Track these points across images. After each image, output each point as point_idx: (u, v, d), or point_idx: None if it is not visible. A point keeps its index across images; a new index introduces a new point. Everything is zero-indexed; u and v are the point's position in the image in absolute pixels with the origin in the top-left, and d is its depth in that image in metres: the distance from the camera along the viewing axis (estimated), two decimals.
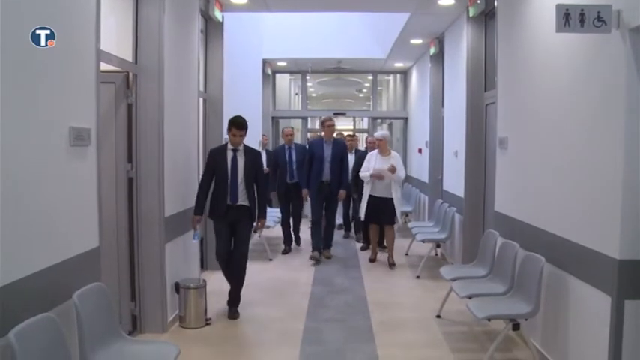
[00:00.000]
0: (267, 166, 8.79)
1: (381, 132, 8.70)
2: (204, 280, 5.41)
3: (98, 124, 3.62)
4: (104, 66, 4.02)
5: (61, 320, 2.89)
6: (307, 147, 8.90)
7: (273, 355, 4.64)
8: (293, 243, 9.13)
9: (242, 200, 5.49)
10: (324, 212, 8.38)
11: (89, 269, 3.46)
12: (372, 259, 8.13)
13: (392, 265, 7.79)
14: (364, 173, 7.88)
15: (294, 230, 9.11)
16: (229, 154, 5.49)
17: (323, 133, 8.49)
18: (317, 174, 8.17)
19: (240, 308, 5.62)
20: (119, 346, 3.29)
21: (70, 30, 3.26)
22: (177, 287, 5.17)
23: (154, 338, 4.66)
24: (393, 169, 7.62)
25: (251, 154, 5.61)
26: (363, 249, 9.01)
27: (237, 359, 4.57)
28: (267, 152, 9.77)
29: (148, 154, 4.82)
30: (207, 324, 5.22)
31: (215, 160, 5.51)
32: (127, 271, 4.76)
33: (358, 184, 8.37)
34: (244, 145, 5.61)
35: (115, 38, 4.68)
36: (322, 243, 8.31)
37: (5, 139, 2.59)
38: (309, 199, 8.37)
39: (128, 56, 4.70)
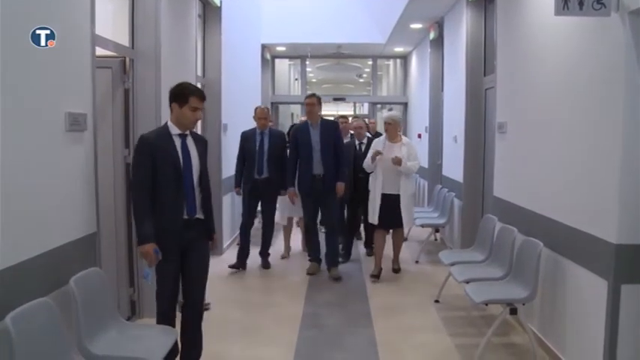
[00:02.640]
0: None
1: (390, 112, 6.95)
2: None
3: (95, 110, 3.61)
4: (100, 51, 3.99)
5: (59, 305, 2.90)
6: (289, 134, 7.18)
7: (273, 339, 4.65)
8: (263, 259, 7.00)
9: (199, 212, 3.70)
10: (319, 217, 6.88)
11: (87, 254, 3.47)
12: (376, 276, 6.39)
13: (396, 270, 6.66)
14: (367, 163, 6.39)
15: (263, 243, 7.00)
16: (176, 141, 3.60)
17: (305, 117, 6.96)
18: (305, 166, 6.42)
19: None
20: (117, 330, 3.29)
21: (65, 15, 3.23)
22: None
23: (153, 325, 4.66)
24: (398, 161, 6.11)
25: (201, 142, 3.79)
26: (369, 254, 7.45)
27: (237, 345, 4.59)
28: None
29: None
30: (205, 309, 5.22)
31: (158, 149, 3.56)
32: (126, 257, 4.76)
33: (357, 182, 6.99)
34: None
35: (112, 23, 4.65)
36: (328, 256, 6.61)
37: (1, 125, 2.58)
38: (298, 199, 6.69)
39: (125, 41, 4.67)
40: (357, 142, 7.36)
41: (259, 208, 6.95)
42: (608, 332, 3.32)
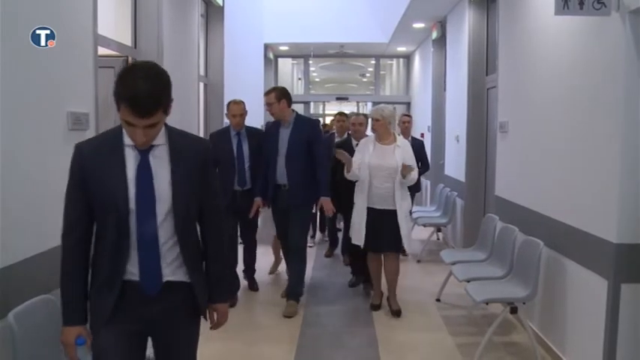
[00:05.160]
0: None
1: (378, 106, 5.35)
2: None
3: (97, 109, 3.63)
4: (103, 50, 4.02)
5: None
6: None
7: (275, 338, 4.66)
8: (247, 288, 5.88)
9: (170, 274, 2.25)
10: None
11: None
12: (376, 306, 5.32)
13: (396, 312, 5.15)
14: (353, 172, 5.04)
15: (245, 267, 5.86)
16: (129, 157, 2.18)
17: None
18: (270, 174, 5.21)
19: None
20: None
21: (67, 14, 3.25)
22: None
23: None
24: (407, 170, 4.88)
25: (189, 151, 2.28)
26: (352, 285, 6.01)
27: (239, 343, 4.60)
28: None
29: None
30: None
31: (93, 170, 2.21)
32: None
33: (340, 191, 5.59)
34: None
35: (114, 22, 4.66)
36: (291, 292, 5.33)
37: (3, 124, 2.60)
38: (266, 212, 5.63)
39: (127, 40, 4.69)
40: (354, 143, 5.79)
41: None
42: (608, 331, 3.33)
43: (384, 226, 5.01)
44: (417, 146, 6.62)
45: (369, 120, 5.67)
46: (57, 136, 3.15)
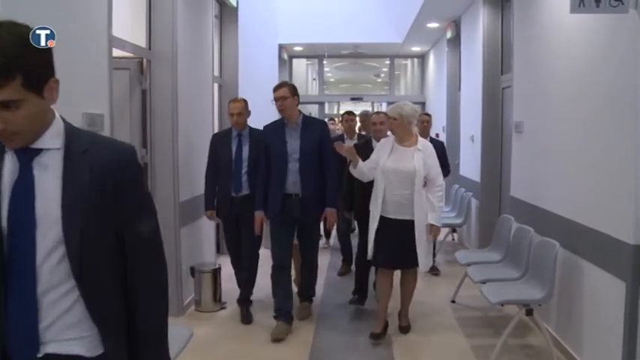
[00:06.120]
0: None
1: (396, 104, 4.67)
2: (220, 265, 5.44)
3: (112, 110, 3.65)
4: (119, 52, 4.05)
5: None
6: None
7: (289, 339, 4.66)
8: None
9: (55, 340, 1.53)
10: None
11: None
12: (378, 335, 4.56)
13: (404, 329, 4.78)
14: (361, 169, 4.54)
15: (244, 284, 5.11)
16: (6, 165, 1.56)
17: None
18: (276, 182, 4.60)
19: None
20: None
21: (82, 16, 3.28)
22: (192, 271, 5.21)
23: (170, 322, 4.70)
24: (434, 233, 4.56)
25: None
26: (352, 302, 5.36)
27: (252, 344, 4.61)
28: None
29: (163, 139, 4.85)
30: (222, 308, 5.26)
31: None
32: None
33: (354, 194, 5.15)
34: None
35: (129, 24, 4.70)
36: (304, 294, 5.15)
37: None
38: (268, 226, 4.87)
39: (142, 42, 4.72)
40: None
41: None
42: (626, 334, 3.28)
43: (399, 239, 4.43)
44: (437, 148, 6.21)
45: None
46: None
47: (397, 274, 4.79)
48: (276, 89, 4.67)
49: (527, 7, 5.20)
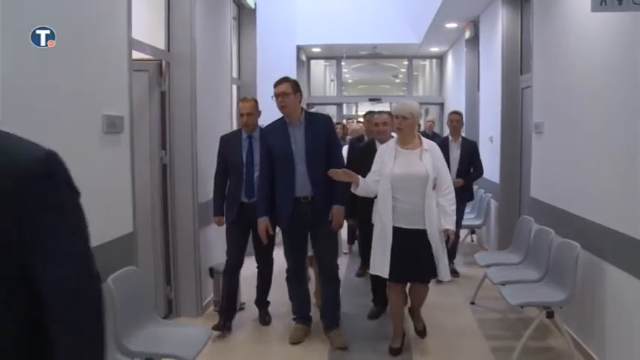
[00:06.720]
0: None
1: (403, 102, 4.43)
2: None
3: (131, 112, 3.69)
4: (138, 54, 4.09)
5: None
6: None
7: (307, 340, 4.65)
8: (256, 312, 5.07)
9: None
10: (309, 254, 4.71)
11: (124, 254, 3.54)
12: (396, 350, 4.33)
13: (421, 332, 4.60)
14: (367, 185, 4.13)
15: (259, 289, 5.02)
16: None
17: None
18: (284, 186, 4.34)
19: None
20: (152, 328, 3.36)
21: (102, 19, 3.32)
22: (211, 272, 5.23)
23: (189, 322, 4.74)
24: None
25: None
26: (373, 317, 5.11)
27: (270, 345, 4.62)
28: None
29: (182, 140, 4.88)
30: (241, 309, 5.28)
31: None
32: (163, 257, 4.84)
33: (357, 203, 4.70)
34: None
35: (148, 27, 4.74)
36: (326, 313, 4.59)
37: (42, 127, 2.66)
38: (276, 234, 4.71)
39: (161, 44, 4.76)
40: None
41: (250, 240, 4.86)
42: None
43: (410, 251, 4.06)
44: (470, 148, 6.14)
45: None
46: (93, 140, 3.21)
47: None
48: (276, 84, 4.36)
49: (547, 6, 5.15)
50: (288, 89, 4.29)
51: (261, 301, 5.04)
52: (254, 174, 4.62)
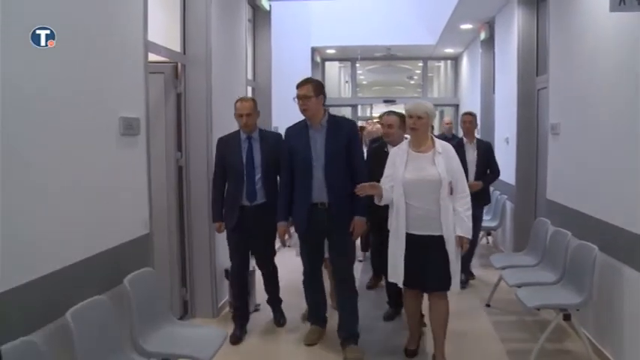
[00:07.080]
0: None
1: (416, 102, 4.20)
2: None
3: (147, 114, 3.72)
4: (153, 57, 4.12)
5: (114, 303, 3.01)
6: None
7: (322, 341, 4.65)
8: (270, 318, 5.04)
9: None
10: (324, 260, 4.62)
11: (140, 255, 3.57)
12: (412, 352, 4.32)
13: None
14: (387, 194, 3.95)
15: (269, 295, 5.04)
16: None
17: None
18: (301, 190, 4.27)
19: None
20: (168, 329, 3.38)
21: (118, 22, 3.35)
22: (227, 274, 5.25)
23: (204, 323, 4.76)
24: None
25: None
26: (388, 318, 5.13)
27: (285, 346, 4.62)
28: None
29: (197, 142, 4.90)
30: (256, 310, 5.29)
31: None
32: (178, 258, 4.87)
33: (378, 211, 4.23)
34: None
35: (164, 29, 4.77)
36: (343, 326, 4.41)
37: (59, 129, 2.70)
38: (292, 239, 4.71)
39: (176, 47, 4.79)
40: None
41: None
42: None
43: (427, 258, 3.90)
44: (484, 149, 5.96)
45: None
46: (109, 142, 3.24)
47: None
48: (298, 86, 4.22)
49: (563, 6, 5.11)
50: (310, 92, 4.16)
51: (273, 300, 5.04)
52: (255, 176, 4.52)
